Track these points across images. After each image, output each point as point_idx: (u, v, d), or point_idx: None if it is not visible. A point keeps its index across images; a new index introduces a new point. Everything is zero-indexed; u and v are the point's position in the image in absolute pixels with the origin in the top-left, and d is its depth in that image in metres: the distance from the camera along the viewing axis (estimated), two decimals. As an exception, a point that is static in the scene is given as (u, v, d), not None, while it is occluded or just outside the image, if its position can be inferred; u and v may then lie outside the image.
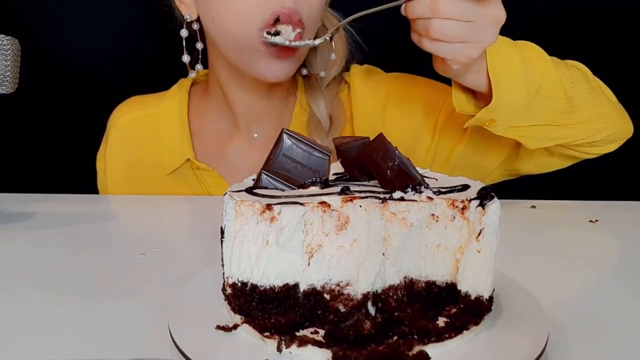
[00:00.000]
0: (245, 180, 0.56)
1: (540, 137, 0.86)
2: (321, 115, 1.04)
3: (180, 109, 1.08)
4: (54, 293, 0.64)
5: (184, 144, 1.06)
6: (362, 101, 1.05)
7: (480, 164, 0.98)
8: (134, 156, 1.09)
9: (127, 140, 1.10)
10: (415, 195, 0.52)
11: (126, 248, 0.77)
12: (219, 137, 1.08)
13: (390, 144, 0.54)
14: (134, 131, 1.10)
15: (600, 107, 0.87)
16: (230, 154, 1.08)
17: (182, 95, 1.10)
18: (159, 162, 1.06)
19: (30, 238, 0.81)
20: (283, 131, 0.56)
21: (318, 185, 0.55)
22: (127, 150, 1.10)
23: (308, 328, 0.51)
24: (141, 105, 1.12)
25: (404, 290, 0.53)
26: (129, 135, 1.10)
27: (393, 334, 0.49)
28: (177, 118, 1.07)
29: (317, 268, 0.51)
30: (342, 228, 0.51)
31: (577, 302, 0.61)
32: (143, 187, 1.08)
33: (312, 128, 1.05)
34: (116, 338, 0.54)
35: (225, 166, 1.06)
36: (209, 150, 1.08)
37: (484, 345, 0.49)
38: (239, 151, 1.08)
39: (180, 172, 1.06)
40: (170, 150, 1.06)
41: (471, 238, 0.52)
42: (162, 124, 1.08)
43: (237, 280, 0.51)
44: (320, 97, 1.05)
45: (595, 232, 0.85)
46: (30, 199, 0.99)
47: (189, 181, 1.06)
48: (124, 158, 1.10)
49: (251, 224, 0.50)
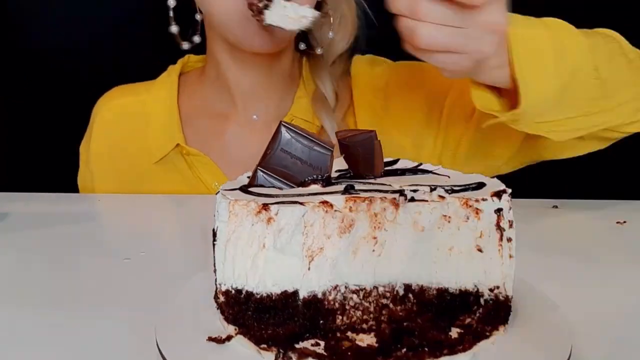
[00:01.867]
0: (239, 178, 0.57)
1: (569, 129, 0.82)
2: (327, 91, 1.07)
3: (170, 94, 1.11)
4: (32, 302, 0.64)
5: (173, 128, 1.08)
6: (363, 91, 1.08)
7: (494, 152, 0.97)
8: (119, 144, 1.11)
9: (112, 128, 1.12)
10: (426, 194, 0.52)
11: (110, 252, 0.78)
12: (214, 120, 1.10)
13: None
14: (120, 118, 1.12)
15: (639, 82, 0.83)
16: (226, 138, 1.10)
17: (172, 80, 1.12)
18: (146, 150, 1.08)
19: (5, 241, 0.81)
20: (281, 124, 0.56)
21: (319, 183, 0.55)
22: (112, 138, 1.12)
23: (308, 339, 0.51)
24: (127, 92, 1.15)
25: (413, 299, 0.53)
26: (115, 122, 1.12)
27: (402, 346, 0.49)
28: (166, 103, 1.10)
29: (318, 273, 0.51)
30: (346, 230, 0.51)
31: (602, 311, 0.61)
32: (129, 177, 1.09)
33: (319, 105, 1.07)
34: (99, 351, 0.54)
35: (219, 152, 1.08)
36: (201, 135, 1.09)
37: (501, 359, 0.49)
38: (236, 135, 1.10)
39: (170, 159, 1.07)
40: (158, 137, 1.08)
41: (485, 240, 0.52)
42: (149, 109, 1.11)
43: (230, 287, 0.51)
44: (326, 73, 1.08)
45: (623, 234, 0.85)
46: (5, 198, 0.98)
47: (179, 168, 1.08)
48: (109, 147, 1.12)
49: (246, 226, 0.50)
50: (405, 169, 0.62)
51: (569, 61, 0.75)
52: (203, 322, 0.53)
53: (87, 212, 1.00)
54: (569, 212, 0.94)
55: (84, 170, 1.14)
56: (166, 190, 1.07)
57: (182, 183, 1.07)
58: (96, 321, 0.59)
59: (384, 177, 0.58)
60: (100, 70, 1.38)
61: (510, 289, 0.54)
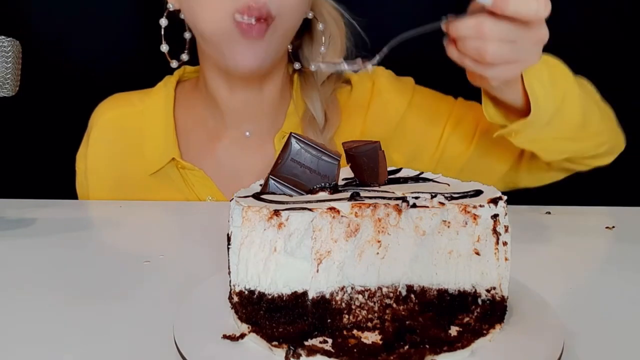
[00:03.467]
0: (252, 186, 0.58)
1: (556, 149, 0.92)
2: (315, 111, 1.05)
3: (166, 106, 1.08)
4: (57, 301, 0.65)
5: (169, 142, 1.06)
6: (384, 103, 1.07)
7: (483, 175, 1.01)
8: (116, 156, 1.09)
9: (109, 139, 1.10)
10: (427, 201, 0.53)
11: (130, 255, 0.78)
12: (208, 136, 1.09)
13: None
14: (117, 129, 1.10)
15: (606, 121, 0.94)
16: (220, 153, 1.08)
17: (168, 92, 1.10)
18: (143, 161, 1.07)
19: (31, 245, 0.82)
20: (291, 135, 0.57)
21: (327, 190, 0.56)
22: (109, 149, 1.10)
23: (317, 337, 0.52)
24: (124, 103, 1.12)
25: (415, 299, 0.54)
26: (112, 133, 1.10)
27: (404, 343, 0.50)
28: (162, 116, 1.08)
29: (326, 275, 0.52)
30: (352, 234, 0.52)
31: (592, 310, 0.62)
32: (126, 189, 1.08)
33: (307, 124, 1.06)
34: (121, 347, 0.55)
35: (214, 166, 1.07)
36: (196, 149, 1.08)
37: (498, 355, 0.50)
38: (229, 150, 1.08)
39: (165, 172, 1.06)
40: (154, 149, 1.06)
41: (483, 244, 0.53)
42: (146, 121, 1.09)
43: (244, 288, 0.52)
44: (315, 93, 1.07)
45: (611, 238, 0.85)
46: (29, 204, 0.99)
47: (174, 182, 1.06)
48: (106, 158, 1.10)
49: (258, 231, 0.51)
50: (407, 177, 0.63)
51: (561, 88, 0.84)
52: (218, 321, 0.54)
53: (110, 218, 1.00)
54: (561, 217, 0.95)
55: (82, 180, 1.12)
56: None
57: (177, 195, 1.06)
58: (117, 318, 0.60)
59: (387, 185, 0.60)
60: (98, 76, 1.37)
61: (506, 289, 0.55)
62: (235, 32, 0.91)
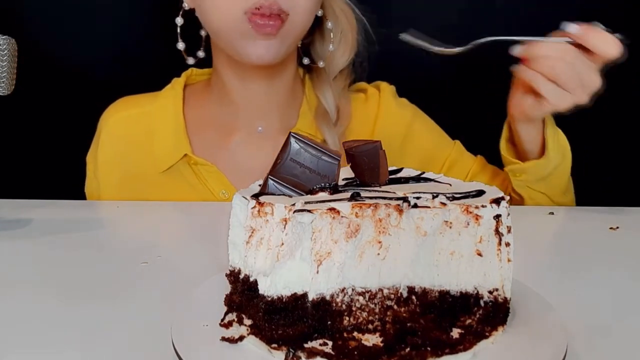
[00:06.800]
0: (251, 186, 0.57)
1: (536, 202, 1.01)
2: (328, 104, 1.08)
3: (175, 106, 1.10)
4: (54, 302, 0.64)
5: (180, 139, 1.07)
6: (387, 120, 1.11)
7: None
8: (127, 156, 1.10)
9: (119, 139, 1.11)
10: (429, 201, 0.52)
11: (127, 256, 0.78)
12: (219, 133, 1.10)
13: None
14: (127, 130, 1.11)
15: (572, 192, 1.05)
16: (233, 148, 1.09)
17: (177, 92, 1.11)
18: (153, 160, 1.07)
19: (29, 246, 0.82)
20: (291, 135, 0.56)
21: (327, 191, 0.55)
22: (119, 150, 1.11)
23: (317, 339, 0.51)
24: (133, 104, 1.14)
25: (416, 300, 0.53)
26: (121, 134, 1.11)
27: (406, 346, 0.50)
28: (172, 115, 1.09)
29: (326, 276, 0.51)
30: (352, 235, 0.51)
31: (596, 312, 0.62)
32: (137, 188, 1.09)
33: (320, 119, 1.08)
34: (118, 349, 0.54)
35: (226, 162, 1.08)
36: (208, 145, 1.09)
37: (500, 358, 0.49)
38: (242, 146, 1.09)
39: (177, 168, 1.07)
40: (164, 147, 1.07)
41: (485, 245, 0.53)
42: (155, 121, 1.10)
43: (243, 290, 0.52)
44: (327, 87, 1.09)
45: (615, 239, 0.85)
46: (25, 205, 0.99)
47: (187, 178, 1.07)
48: (117, 158, 1.11)
49: (259, 231, 0.50)
50: (408, 177, 0.62)
51: (561, 150, 0.95)
52: (217, 323, 0.53)
53: (106, 218, 1.01)
54: (564, 218, 0.95)
55: (92, 180, 1.13)
56: (173, 199, 1.06)
57: (190, 192, 1.07)
58: (114, 320, 0.60)
59: (388, 185, 0.59)
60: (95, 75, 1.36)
61: (509, 291, 0.54)
62: (249, 29, 0.93)
